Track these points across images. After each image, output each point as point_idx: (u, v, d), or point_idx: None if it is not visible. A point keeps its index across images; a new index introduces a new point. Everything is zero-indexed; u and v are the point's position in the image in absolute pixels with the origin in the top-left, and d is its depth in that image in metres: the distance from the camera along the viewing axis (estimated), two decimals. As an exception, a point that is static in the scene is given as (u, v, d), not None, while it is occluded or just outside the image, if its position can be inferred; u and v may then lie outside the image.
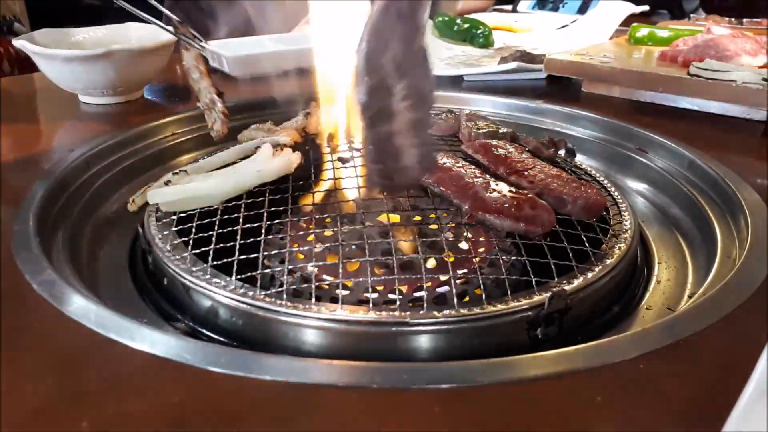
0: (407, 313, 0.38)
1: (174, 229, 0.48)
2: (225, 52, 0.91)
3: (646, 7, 1.18)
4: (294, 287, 0.44)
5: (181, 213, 0.49)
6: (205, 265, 0.43)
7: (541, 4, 1.53)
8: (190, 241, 0.45)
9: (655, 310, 0.46)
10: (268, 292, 0.40)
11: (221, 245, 0.44)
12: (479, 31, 1.06)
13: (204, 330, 0.43)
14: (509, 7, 1.59)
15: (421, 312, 0.38)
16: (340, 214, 0.48)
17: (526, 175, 0.51)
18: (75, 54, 0.71)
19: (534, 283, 0.41)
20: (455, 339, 0.39)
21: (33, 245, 0.44)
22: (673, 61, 0.82)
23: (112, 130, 0.66)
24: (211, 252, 0.44)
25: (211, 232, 0.45)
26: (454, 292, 0.42)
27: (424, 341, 0.39)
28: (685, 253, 0.53)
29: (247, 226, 0.46)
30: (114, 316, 0.36)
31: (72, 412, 0.29)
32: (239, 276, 0.42)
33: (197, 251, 0.45)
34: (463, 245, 0.48)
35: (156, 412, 0.29)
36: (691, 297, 0.46)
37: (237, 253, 0.43)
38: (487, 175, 0.50)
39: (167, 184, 0.52)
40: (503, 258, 0.45)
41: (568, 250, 0.44)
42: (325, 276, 0.46)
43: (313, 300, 0.40)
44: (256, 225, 0.46)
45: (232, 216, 0.48)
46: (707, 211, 0.54)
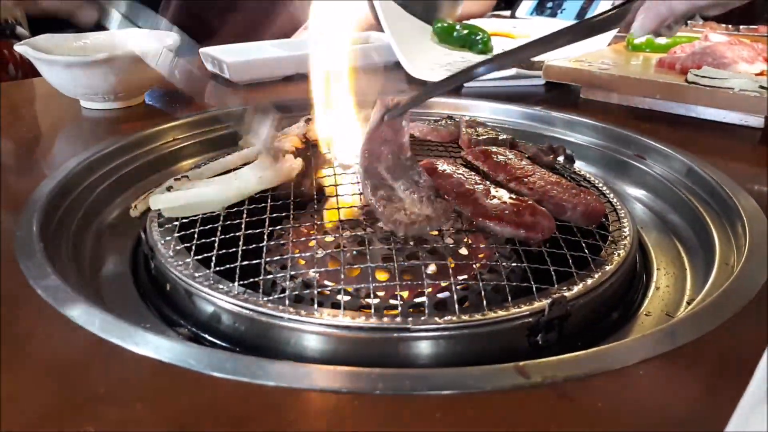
0: (409, 319, 0.39)
1: (176, 234, 0.48)
2: (225, 57, 0.92)
3: (644, 14, 1.18)
4: (296, 293, 0.44)
5: (183, 218, 0.50)
6: (207, 270, 0.44)
7: (539, 9, 1.54)
8: (193, 247, 0.46)
9: (654, 316, 0.46)
10: (271, 298, 0.41)
11: (223, 251, 0.45)
12: (478, 37, 1.07)
13: (207, 335, 0.43)
14: (508, 12, 1.59)
15: (422, 318, 0.39)
16: (341, 220, 0.49)
17: (525, 181, 0.51)
18: (76, 60, 0.71)
19: (534, 289, 0.41)
20: (456, 345, 0.39)
21: (36, 250, 0.44)
22: (671, 68, 0.82)
23: (114, 136, 0.67)
24: (213, 258, 0.44)
25: (213, 238, 0.46)
26: (455, 298, 0.42)
27: (426, 347, 0.39)
28: (684, 259, 0.54)
29: (249, 231, 0.46)
30: (118, 321, 0.36)
31: (76, 417, 0.30)
32: (242, 282, 0.42)
33: (199, 257, 0.45)
34: (464, 251, 0.49)
35: (160, 418, 0.30)
36: (689, 303, 0.47)
37: (239, 258, 0.44)
38: (487, 182, 0.51)
39: (169, 189, 0.53)
40: (503, 264, 0.45)
41: (568, 257, 0.44)
42: (327, 282, 0.46)
43: (315, 306, 0.40)
44: (258, 231, 0.47)
45: (234, 222, 0.48)
46: (705, 217, 0.54)
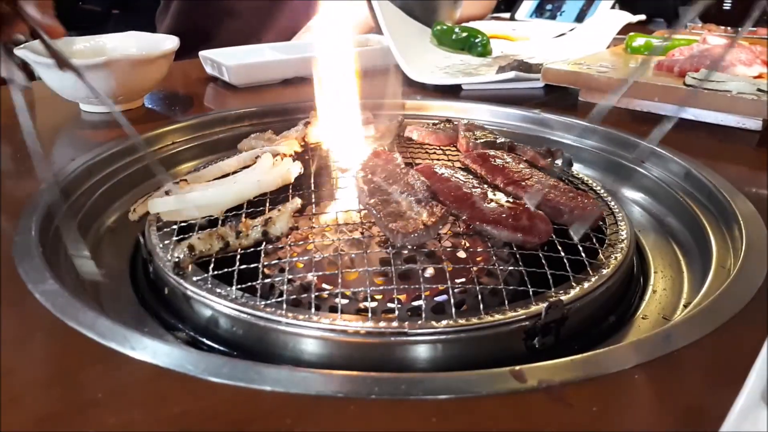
0: (406, 323, 0.39)
1: (175, 238, 0.48)
2: (225, 60, 0.92)
3: (643, 17, 1.19)
4: (294, 297, 0.44)
5: (181, 222, 0.50)
6: (205, 274, 0.44)
7: (538, 11, 1.54)
8: (191, 251, 0.46)
9: (651, 319, 0.47)
10: (268, 302, 0.41)
11: (222, 254, 0.45)
12: (477, 40, 1.07)
13: (205, 339, 0.43)
14: (508, 14, 1.60)
15: (419, 322, 0.39)
16: (339, 224, 0.49)
17: (523, 185, 0.51)
18: (76, 63, 0.71)
19: (531, 293, 0.41)
20: (454, 349, 0.39)
21: (35, 255, 0.44)
22: (669, 70, 0.82)
23: (113, 139, 0.67)
24: (212, 261, 0.44)
25: (211, 242, 0.46)
26: (452, 301, 0.42)
27: (423, 351, 0.39)
28: (681, 262, 0.54)
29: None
30: (116, 326, 0.36)
31: (75, 422, 0.30)
32: (240, 285, 0.42)
33: (198, 261, 0.45)
34: (462, 255, 0.49)
35: (158, 423, 0.30)
36: (686, 306, 0.47)
37: (237, 262, 0.44)
38: (485, 186, 0.51)
39: (168, 193, 0.53)
40: (501, 268, 0.45)
41: (565, 260, 0.44)
42: (325, 285, 0.46)
43: (312, 310, 0.40)
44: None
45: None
46: (702, 220, 0.55)
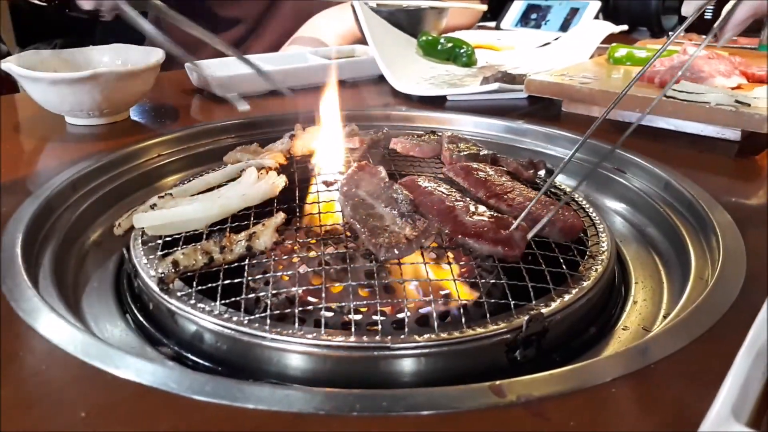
0: (388, 337, 0.39)
1: (160, 253, 0.48)
2: (210, 72, 0.92)
3: (625, 27, 1.21)
4: (278, 311, 0.44)
5: (166, 237, 0.50)
6: (190, 289, 0.44)
7: (524, 21, 1.56)
8: (176, 266, 0.46)
9: (631, 330, 0.47)
10: (252, 317, 0.41)
11: (206, 269, 0.45)
12: (462, 51, 1.08)
13: (189, 354, 0.43)
14: (493, 23, 1.61)
15: (402, 336, 0.39)
16: (324, 237, 0.49)
17: (505, 198, 0.52)
18: (61, 77, 0.71)
19: (512, 306, 0.42)
20: (437, 362, 0.40)
21: (18, 272, 0.44)
22: (650, 81, 0.84)
23: (99, 152, 0.67)
24: (196, 276, 0.45)
25: (196, 257, 0.46)
26: (434, 315, 0.43)
27: (407, 365, 0.40)
28: (661, 273, 0.55)
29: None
30: (99, 344, 0.36)
31: (57, 442, 0.30)
32: (224, 301, 0.43)
33: (183, 275, 0.45)
34: (445, 267, 0.50)
35: (141, 441, 0.30)
36: (666, 317, 0.48)
37: (222, 277, 0.44)
38: (468, 199, 0.51)
39: (153, 207, 0.53)
40: (482, 281, 0.46)
41: (546, 273, 0.45)
42: (309, 298, 0.47)
43: (296, 324, 0.41)
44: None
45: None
46: (682, 231, 0.55)
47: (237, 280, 0.44)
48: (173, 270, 0.44)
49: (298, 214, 0.54)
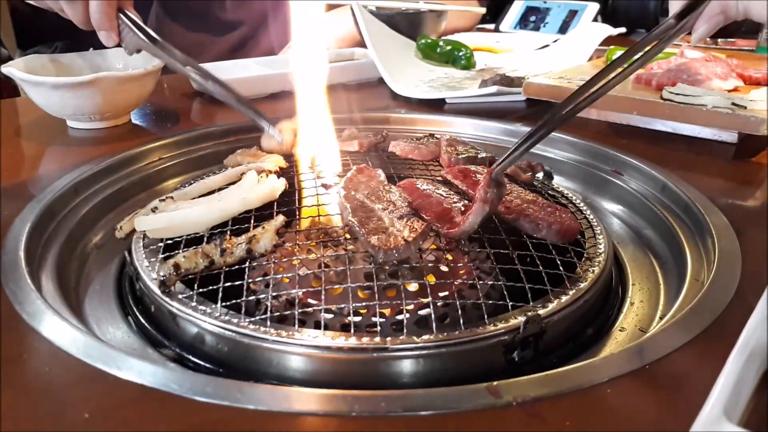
0: (387, 339, 0.40)
1: (161, 255, 0.49)
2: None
3: (623, 30, 1.21)
4: (278, 313, 0.45)
5: (167, 240, 0.50)
6: (191, 292, 0.45)
7: (522, 23, 1.56)
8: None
9: (628, 331, 0.48)
10: (253, 319, 0.42)
11: (207, 272, 0.46)
12: (461, 53, 1.09)
13: (191, 356, 0.44)
14: (492, 26, 1.62)
15: (400, 337, 0.40)
16: (323, 240, 0.50)
17: (503, 201, 0.52)
18: (63, 81, 0.72)
19: (510, 307, 0.42)
20: (435, 363, 0.40)
21: (22, 275, 0.45)
22: (647, 84, 0.84)
23: (100, 155, 0.68)
24: (197, 279, 0.45)
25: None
26: (433, 316, 0.43)
27: (405, 366, 0.40)
28: (658, 274, 0.55)
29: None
30: (101, 346, 0.37)
31: (61, 442, 0.30)
32: (225, 303, 0.43)
33: (184, 278, 0.46)
34: (444, 269, 0.50)
35: (143, 442, 0.30)
36: (662, 318, 0.48)
37: (222, 280, 0.45)
38: (466, 201, 0.52)
39: (154, 210, 0.54)
40: (480, 283, 0.47)
41: (543, 275, 0.45)
42: (309, 300, 0.47)
43: (296, 326, 0.41)
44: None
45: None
46: (678, 233, 0.56)
47: (237, 283, 0.45)
48: (175, 273, 0.45)
49: (297, 216, 0.54)
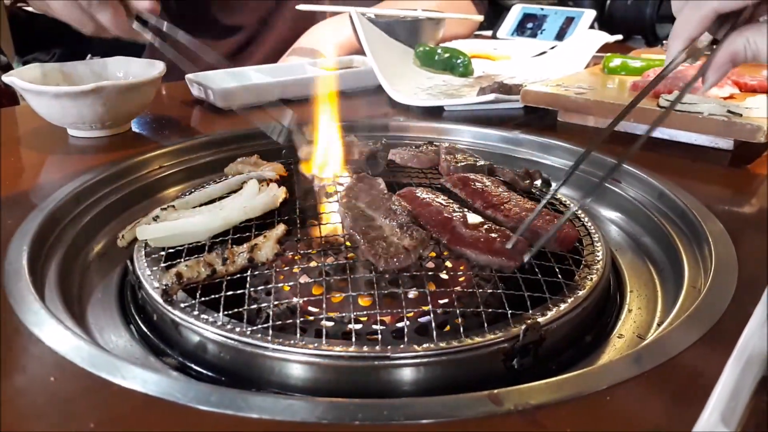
0: (388, 347, 0.40)
1: (163, 264, 0.49)
2: (211, 84, 0.93)
3: (620, 37, 1.22)
4: (279, 322, 0.45)
5: (169, 248, 0.51)
6: (193, 301, 0.45)
7: (520, 30, 1.57)
8: (179, 278, 0.47)
9: (626, 338, 0.48)
10: (255, 328, 0.42)
11: (209, 281, 0.46)
12: (459, 61, 1.09)
13: (193, 365, 0.44)
14: (489, 32, 1.63)
15: (401, 346, 0.40)
16: (324, 248, 0.50)
17: (502, 209, 0.53)
18: (65, 90, 0.72)
19: (509, 315, 0.43)
20: (436, 371, 0.41)
21: (25, 284, 0.45)
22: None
23: (101, 164, 0.68)
24: (199, 287, 0.45)
25: (199, 269, 0.47)
26: (433, 324, 0.44)
27: (406, 374, 0.40)
28: (656, 281, 0.56)
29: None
30: (105, 355, 0.37)
31: (67, 451, 0.31)
32: (227, 311, 0.43)
33: (186, 287, 0.46)
34: (444, 277, 0.51)
35: (148, 451, 0.31)
36: (660, 325, 0.49)
37: (224, 288, 0.45)
38: (465, 209, 0.52)
39: (155, 219, 0.54)
40: (480, 290, 0.47)
41: (542, 282, 0.46)
42: (311, 309, 0.48)
43: (297, 334, 0.41)
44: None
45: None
46: (676, 240, 0.56)
47: (239, 291, 0.45)
48: (177, 282, 0.45)
49: (298, 225, 0.55)
